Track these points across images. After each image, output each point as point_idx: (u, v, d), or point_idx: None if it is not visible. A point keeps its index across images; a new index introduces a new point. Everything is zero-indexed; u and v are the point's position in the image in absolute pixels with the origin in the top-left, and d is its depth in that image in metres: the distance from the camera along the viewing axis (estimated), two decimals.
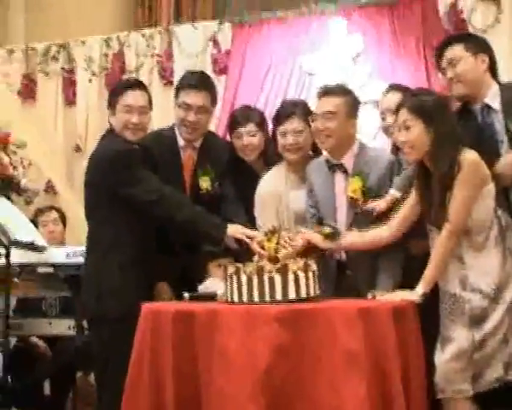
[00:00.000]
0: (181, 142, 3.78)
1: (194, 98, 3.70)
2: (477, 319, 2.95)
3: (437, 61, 3.49)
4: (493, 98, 3.36)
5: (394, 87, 3.77)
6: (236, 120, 3.99)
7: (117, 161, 3.45)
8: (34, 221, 4.65)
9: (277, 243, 3.09)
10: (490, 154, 3.23)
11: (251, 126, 3.91)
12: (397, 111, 3.18)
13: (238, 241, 3.49)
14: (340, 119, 3.41)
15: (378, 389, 2.76)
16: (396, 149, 3.53)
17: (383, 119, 3.76)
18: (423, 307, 3.03)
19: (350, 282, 3.43)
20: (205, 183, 3.75)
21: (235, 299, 2.95)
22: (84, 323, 3.86)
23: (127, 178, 3.43)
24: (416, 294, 2.97)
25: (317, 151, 3.74)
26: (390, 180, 3.40)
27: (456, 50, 3.38)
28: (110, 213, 3.49)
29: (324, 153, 3.57)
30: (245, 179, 3.89)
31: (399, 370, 2.79)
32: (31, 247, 3.91)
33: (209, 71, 5.20)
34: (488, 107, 3.35)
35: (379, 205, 3.32)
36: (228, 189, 3.85)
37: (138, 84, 3.67)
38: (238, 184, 3.92)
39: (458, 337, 2.95)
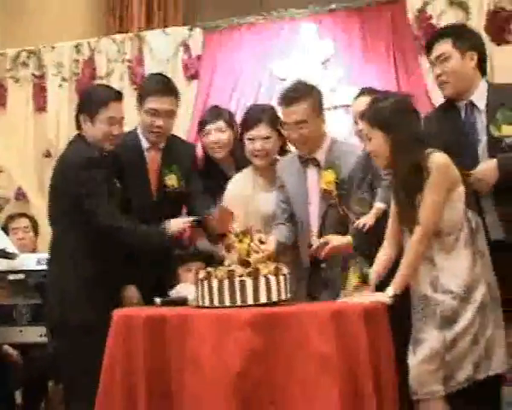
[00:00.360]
0: (145, 144, 3.83)
1: (162, 104, 3.76)
2: (448, 320, 2.97)
3: (426, 54, 3.51)
4: (479, 97, 3.37)
5: (365, 91, 3.79)
6: (205, 118, 4.12)
7: (84, 169, 3.44)
8: (5, 228, 4.62)
9: (249, 245, 3.10)
10: (468, 153, 3.29)
11: (220, 123, 4.03)
12: (361, 121, 3.23)
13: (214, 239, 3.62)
14: (311, 123, 3.47)
15: (350, 391, 2.77)
16: None
17: (355, 123, 3.78)
18: (395, 310, 3.06)
19: (324, 275, 3.49)
20: (171, 180, 3.79)
21: (207, 303, 2.95)
22: None
23: (92, 190, 3.42)
24: (387, 295, 2.99)
25: (284, 154, 3.78)
26: (362, 173, 3.44)
27: (444, 46, 3.39)
28: (74, 221, 3.47)
29: (293, 149, 3.63)
30: (216, 184, 3.92)
31: (371, 372, 2.81)
32: (1, 254, 3.90)
33: (180, 76, 5.21)
34: (473, 105, 3.37)
35: (368, 221, 3.35)
36: (195, 185, 3.89)
37: (120, 96, 3.67)
38: (210, 188, 3.95)
39: (430, 339, 2.97)
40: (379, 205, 3.36)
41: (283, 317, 2.81)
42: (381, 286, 3.12)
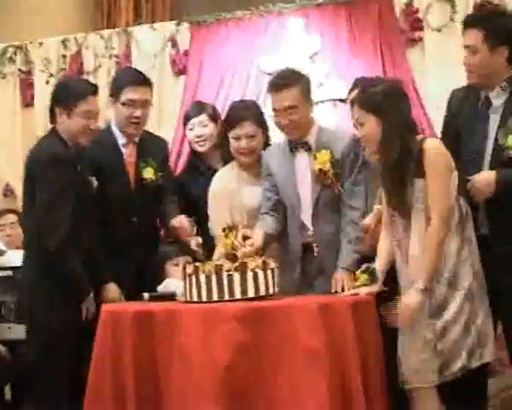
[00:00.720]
0: (121, 140, 3.86)
1: (139, 94, 3.80)
2: (438, 309, 2.99)
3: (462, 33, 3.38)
4: (498, 95, 3.30)
5: (359, 82, 3.77)
6: (189, 113, 4.20)
7: (50, 167, 3.39)
8: None
9: (235, 239, 3.11)
10: (472, 147, 3.29)
11: (202, 117, 4.12)
12: (352, 107, 3.24)
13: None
14: (301, 108, 3.49)
15: (339, 384, 2.79)
16: None
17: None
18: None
19: (320, 261, 3.48)
20: (148, 173, 3.83)
21: (195, 298, 2.96)
22: None
23: (53, 198, 3.36)
24: (418, 289, 2.97)
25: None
26: (354, 155, 3.48)
27: (474, 38, 3.26)
28: None
29: (282, 135, 3.63)
30: (204, 178, 3.98)
31: (359, 364, 2.82)
32: None
33: (168, 71, 5.21)
34: (488, 100, 3.31)
35: (368, 222, 3.40)
36: (166, 183, 3.95)
37: (97, 90, 3.65)
38: (198, 182, 4.02)
39: (420, 328, 2.99)
40: (378, 206, 3.39)
41: (271, 311, 2.83)
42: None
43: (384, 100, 3.05)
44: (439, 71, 4.57)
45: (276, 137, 3.88)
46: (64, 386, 3.30)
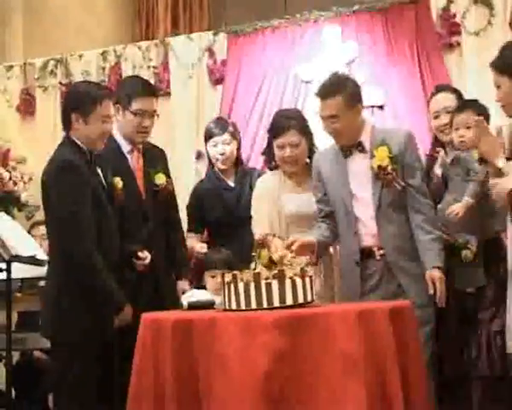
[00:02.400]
0: (126, 148, 3.90)
1: (149, 104, 3.86)
2: None
3: None
4: None
5: (442, 88, 3.92)
6: (212, 130, 4.27)
7: (59, 173, 3.36)
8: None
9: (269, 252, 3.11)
10: None
11: (226, 135, 4.22)
12: (459, 111, 3.40)
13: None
14: (343, 117, 3.47)
15: (378, 392, 2.76)
16: (442, 145, 3.72)
17: (436, 117, 3.80)
18: None
19: (380, 265, 3.48)
20: (160, 179, 3.90)
21: (233, 306, 2.97)
22: None
23: (62, 197, 3.32)
24: None
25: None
26: (411, 150, 3.50)
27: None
28: None
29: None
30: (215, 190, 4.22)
31: (398, 372, 2.80)
32: (31, 261, 3.93)
33: (205, 81, 5.27)
34: None
35: (457, 211, 3.43)
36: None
37: (110, 94, 3.67)
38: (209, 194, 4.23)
39: None
40: (467, 199, 3.43)
41: (309, 318, 2.82)
42: None
43: None
44: (477, 75, 4.55)
45: (322, 143, 3.92)
46: (91, 397, 3.30)
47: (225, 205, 4.16)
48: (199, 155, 5.12)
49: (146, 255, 3.66)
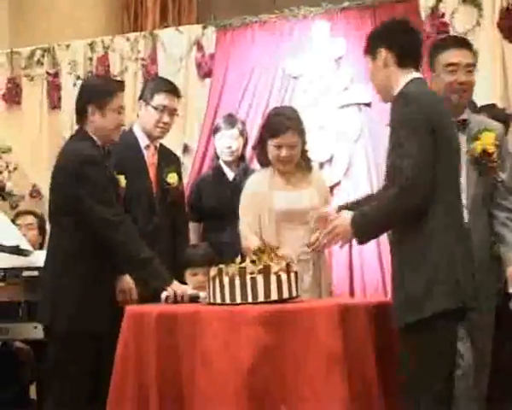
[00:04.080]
0: (143, 142, 4.01)
1: (171, 102, 4.02)
2: None
3: None
4: None
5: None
6: (220, 124, 4.46)
7: (84, 167, 3.36)
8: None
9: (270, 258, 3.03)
10: None
11: (235, 130, 4.39)
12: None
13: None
14: (473, 73, 3.34)
15: (358, 387, 2.79)
16: None
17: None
18: None
19: None
20: (172, 178, 4.01)
21: (218, 300, 2.97)
22: None
23: (93, 189, 3.34)
24: None
25: (305, 157, 3.81)
26: (506, 144, 3.36)
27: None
28: (76, 220, 3.38)
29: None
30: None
31: (379, 368, 2.83)
32: (15, 251, 3.92)
33: (193, 75, 5.25)
34: None
35: None
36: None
37: (123, 86, 3.72)
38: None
39: None
40: None
41: (293, 313, 2.83)
42: None
43: None
44: None
45: (310, 146, 3.95)
46: (83, 387, 3.31)
47: (219, 197, 4.28)
48: (185, 149, 5.13)
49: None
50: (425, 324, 2.72)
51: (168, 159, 4.09)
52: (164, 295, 3.29)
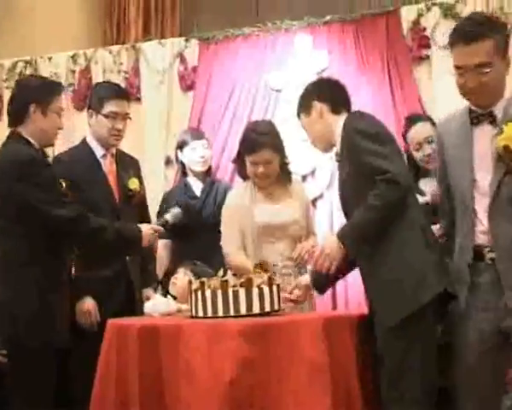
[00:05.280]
0: (99, 152, 3.91)
1: (122, 107, 3.89)
2: None
3: None
4: None
5: (420, 117, 4.01)
6: (187, 137, 4.48)
7: (28, 169, 3.27)
8: None
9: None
10: None
11: (204, 141, 4.45)
12: None
13: None
14: (494, 68, 2.76)
15: (342, 400, 2.79)
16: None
17: (418, 149, 3.81)
18: None
19: (490, 271, 2.79)
20: (133, 184, 3.92)
21: (200, 314, 2.97)
22: None
23: (39, 189, 3.26)
24: None
25: (285, 170, 3.81)
26: None
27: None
28: (24, 226, 3.28)
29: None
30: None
31: (362, 380, 2.83)
32: None
33: (176, 87, 5.26)
34: None
35: None
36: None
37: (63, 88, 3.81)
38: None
39: None
40: None
41: (276, 327, 2.83)
42: None
43: None
44: (445, 89, 4.58)
45: (292, 158, 4.00)
46: (46, 402, 3.27)
47: (188, 212, 4.14)
48: (168, 161, 5.12)
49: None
50: (420, 312, 2.84)
51: (126, 165, 3.98)
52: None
